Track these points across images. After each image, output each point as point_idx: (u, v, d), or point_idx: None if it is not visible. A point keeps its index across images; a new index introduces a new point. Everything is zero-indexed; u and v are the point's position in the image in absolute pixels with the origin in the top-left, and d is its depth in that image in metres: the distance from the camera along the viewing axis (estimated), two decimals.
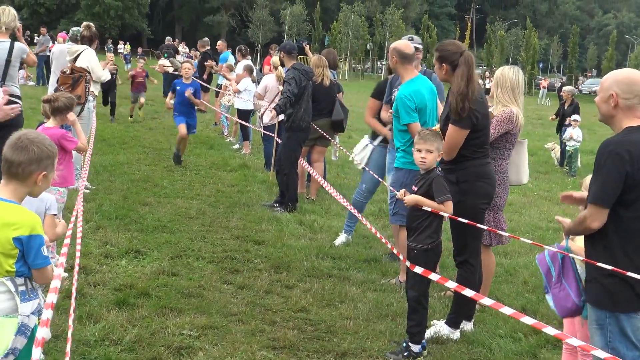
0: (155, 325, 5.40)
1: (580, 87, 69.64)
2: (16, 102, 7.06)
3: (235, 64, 16.50)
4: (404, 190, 5.57)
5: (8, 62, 8.10)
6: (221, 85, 17.65)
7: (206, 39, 21.54)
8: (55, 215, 4.63)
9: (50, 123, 6.41)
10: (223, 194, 10.36)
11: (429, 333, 5.62)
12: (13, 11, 8.47)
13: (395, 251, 5.85)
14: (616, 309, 3.84)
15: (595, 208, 3.81)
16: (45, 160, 3.41)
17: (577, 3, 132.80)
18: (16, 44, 8.24)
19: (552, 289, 4.33)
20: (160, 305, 5.81)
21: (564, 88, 19.03)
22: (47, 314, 3.00)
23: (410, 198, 5.33)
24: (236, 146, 15.10)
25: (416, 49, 6.97)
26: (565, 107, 17.64)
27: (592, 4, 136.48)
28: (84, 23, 10.29)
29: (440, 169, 5.42)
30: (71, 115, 6.53)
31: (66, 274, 6.05)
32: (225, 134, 16.85)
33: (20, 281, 3.37)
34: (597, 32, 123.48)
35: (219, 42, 20.97)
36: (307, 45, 12.37)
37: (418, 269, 4.96)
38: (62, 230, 4.27)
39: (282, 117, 9.65)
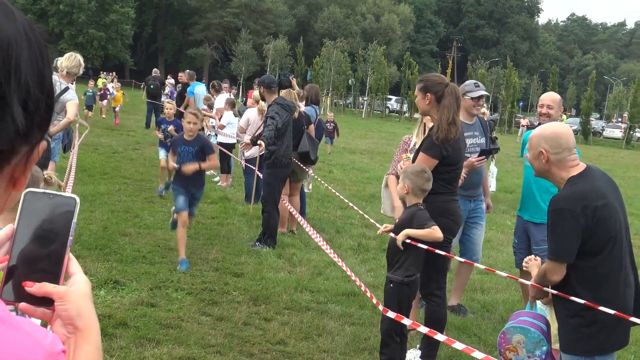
0: (133, 356, 5.41)
1: None
2: None
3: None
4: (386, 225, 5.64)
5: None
6: None
7: (188, 71, 21.77)
8: None
9: None
10: (203, 225, 10.37)
11: None
12: (79, 58, 8.49)
13: (368, 293, 5.76)
14: (592, 354, 3.89)
15: (554, 264, 3.91)
16: None
17: (558, 43, 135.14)
18: (70, 91, 8.30)
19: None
20: (139, 335, 5.82)
21: None
22: None
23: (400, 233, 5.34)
24: (217, 178, 15.14)
25: (481, 96, 7.16)
26: None
27: (572, 44, 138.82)
28: None
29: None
30: None
31: None
32: None
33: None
34: (576, 72, 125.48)
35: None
36: (293, 79, 12.42)
37: (391, 314, 5.00)
38: None
39: (261, 149, 9.52)
